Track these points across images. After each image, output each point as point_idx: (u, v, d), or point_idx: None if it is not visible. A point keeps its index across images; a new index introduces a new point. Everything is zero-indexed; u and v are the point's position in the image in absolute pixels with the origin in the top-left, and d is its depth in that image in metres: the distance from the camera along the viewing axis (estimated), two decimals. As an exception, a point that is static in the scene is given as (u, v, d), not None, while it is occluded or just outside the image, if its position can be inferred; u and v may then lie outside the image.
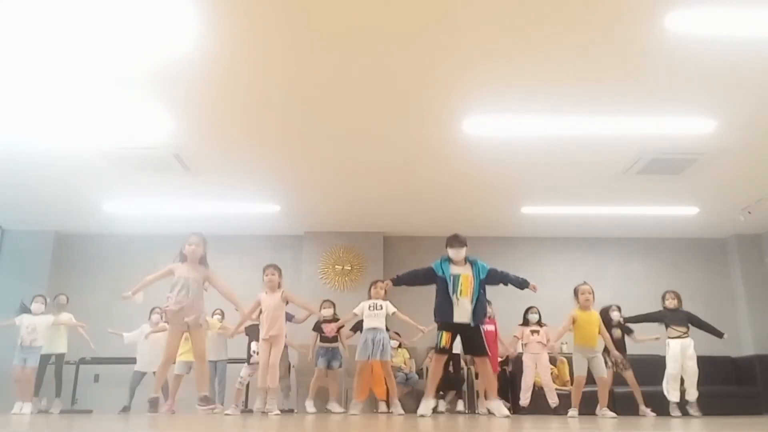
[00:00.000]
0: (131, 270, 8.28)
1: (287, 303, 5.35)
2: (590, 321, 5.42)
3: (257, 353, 5.97)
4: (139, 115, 5.07)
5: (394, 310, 5.70)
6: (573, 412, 5.41)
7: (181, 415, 4.80)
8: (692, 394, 5.70)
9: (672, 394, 5.74)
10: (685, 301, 7.54)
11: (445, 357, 4.70)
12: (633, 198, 7.06)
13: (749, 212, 7.26)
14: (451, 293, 4.46)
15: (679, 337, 5.84)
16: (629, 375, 5.89)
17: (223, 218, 7.83)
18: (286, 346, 5.96)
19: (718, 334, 5.99)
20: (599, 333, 5.44)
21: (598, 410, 5.43)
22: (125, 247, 8.42)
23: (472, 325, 4.45)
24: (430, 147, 5.72)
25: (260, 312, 5.33)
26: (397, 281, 4.70)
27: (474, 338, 4.52)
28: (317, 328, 6.57)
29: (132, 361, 6.95)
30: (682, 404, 5.75)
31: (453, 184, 6.66)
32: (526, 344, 6.47)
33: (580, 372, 5.35)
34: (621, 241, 8.60)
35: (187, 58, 4.19)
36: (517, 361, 6.61)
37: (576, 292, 5.55)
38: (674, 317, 5.90)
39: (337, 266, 8.29)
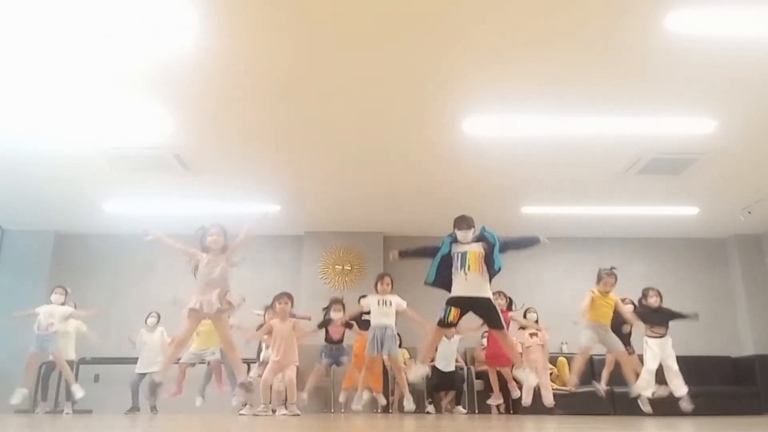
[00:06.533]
0: (131, 270, 8.33)
1: (294, 329, 5.48)
2: (607, 302, 5.50)
3: (268, 347, 5.99)
4: (139, 115, 5.07)
5: (405, 306, 5.50)
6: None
7: (186, 414, 4.81)
8: (681, 390, 5.57)
9: (648, 390, 5.66)
10: (684, 301, 7.54)
11: (447, 330, 4.73)
12: (633, 198, 7.06)
13: (749, 212, 7.25)
14: (459, 269, 4.47)
15: (659, 336, 5.77)
16: (633, 358, 5.84)
17: (223, 218, 7.77)
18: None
19: (695, 317, 5.84)
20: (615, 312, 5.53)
21: (633, 391, 5.42)
22: (125, 247, 8.41)
23: (484, 297, 4.44)
24: (430, 147, 5.72)
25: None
26: (404, 254, 4.79)
27: (489, 313, 4.52)
28: (323, 326, 6.43)
29: (132, 360, 6.95)
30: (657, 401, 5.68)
31: (453, 184, 6.66)
32: (527, 346, 6.47)
33: (588, 344, 5.41)
34: (621, 241, 8.59)
35: (187, 58, 4.18)
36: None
37: (599, 276, 5.55)
38: (656, 319, 5.75)
39: (337, 266, 8.29)
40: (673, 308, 5.82)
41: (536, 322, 6.54)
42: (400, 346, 7.06)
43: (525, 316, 6.60)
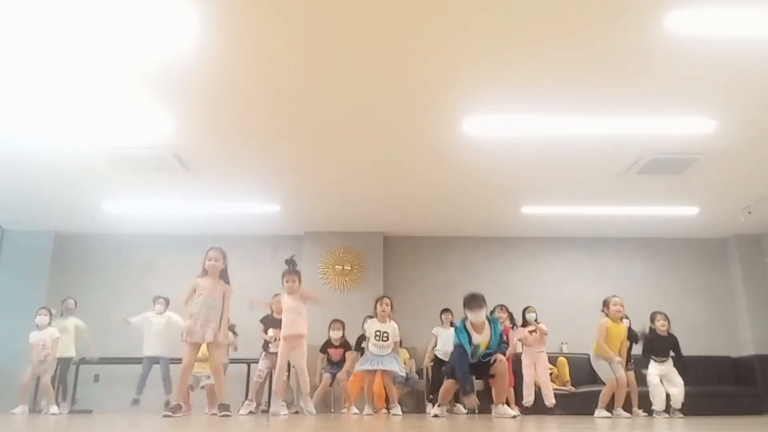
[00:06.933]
0: (131, 270, 8.33)
1: (305, 302, 5.37)
2: (618, 334, 5.56)
3: (275, 340, 5.90)
4: (139, 115, 5.07)
5: (398, 339, 5.70)
6: (603, 412, 5.40)
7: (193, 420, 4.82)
8: (677, 402, 5.62)
9: (659, 405, 5.69)
10: (684, 301, 7.54)
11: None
12: (633, 198, 7.06)
13: (749, 212, 7.25)
14: (471, 358, 4.66)
15: (662, 362, 5.78)
16: (630, 375, 5.88)
17: (223, 218, 7.83)
18: None
19: (685, 370, 5.78)
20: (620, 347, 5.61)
21: (613, 410, 5.44)
22: (125, 247, 8.42)
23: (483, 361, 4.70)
24: (430, 147, 5.72)
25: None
26: (464, 391, 4.67)
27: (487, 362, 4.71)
28: (324, 350, 6.57)
29: (133, 361, 6.94)
30: (667, 409, 5.70)
31: (453, 184, 6.66)
32: (526, 344, 6.47)
33: (609, 375, 5.43)
34: (621, 241, 8.60)
35: (187, 58, 4.18)
36: (517, 361, 6.62)
37: (607, 303, 5.61)
38: (660, 347, 5.79)
39: (337, 266, 8.29)
40: (680, 339, 5.85)
41: (535, 321, 6.55)
42: (400, 345, 7.10)
43: (524, 316, 6.61)
